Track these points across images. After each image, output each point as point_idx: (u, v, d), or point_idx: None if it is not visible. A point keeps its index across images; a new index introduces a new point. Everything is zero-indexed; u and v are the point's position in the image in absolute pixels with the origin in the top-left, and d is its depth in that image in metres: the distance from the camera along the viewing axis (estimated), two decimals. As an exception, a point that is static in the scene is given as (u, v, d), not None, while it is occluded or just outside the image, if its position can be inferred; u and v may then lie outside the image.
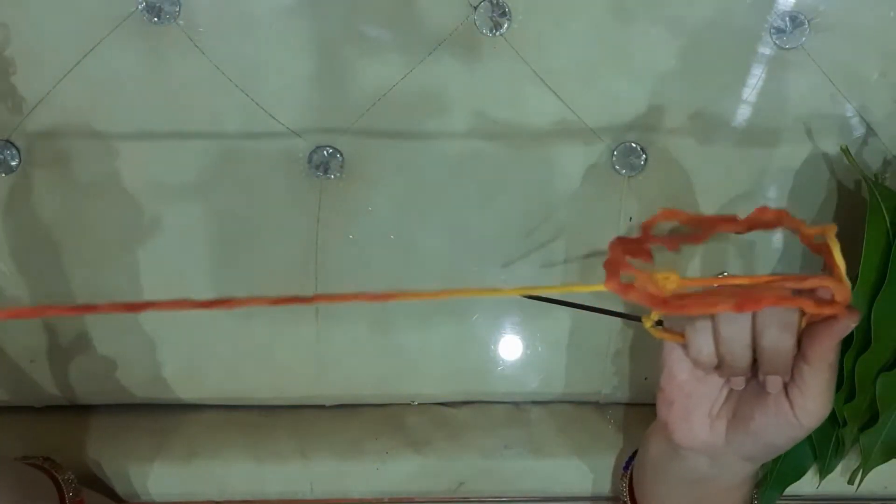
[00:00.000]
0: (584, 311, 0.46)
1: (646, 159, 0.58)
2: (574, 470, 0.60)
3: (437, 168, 0.58)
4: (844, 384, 0.53)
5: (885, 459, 0.55)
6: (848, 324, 0.38)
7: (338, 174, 0.57)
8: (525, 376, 0.63)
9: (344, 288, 0.59)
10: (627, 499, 0.53)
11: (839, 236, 0.36)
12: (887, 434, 0.54)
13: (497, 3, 0.54)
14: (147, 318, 0.59)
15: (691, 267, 0.60)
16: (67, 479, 0.51)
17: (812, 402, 0.40)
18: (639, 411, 0.63)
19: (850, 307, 0.38)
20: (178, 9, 0.54)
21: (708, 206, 0.58)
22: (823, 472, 0.57)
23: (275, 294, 0.59)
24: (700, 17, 0.55)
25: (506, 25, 0.55)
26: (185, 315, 0.59)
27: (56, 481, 0.51)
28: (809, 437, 0.56)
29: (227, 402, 0.63)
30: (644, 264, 0.36)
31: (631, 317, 0.46)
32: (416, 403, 0.64)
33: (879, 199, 0.52)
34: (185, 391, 0.63)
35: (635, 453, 0.53)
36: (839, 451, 0.56)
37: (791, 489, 0.57)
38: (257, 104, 0.56)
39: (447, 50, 0.55)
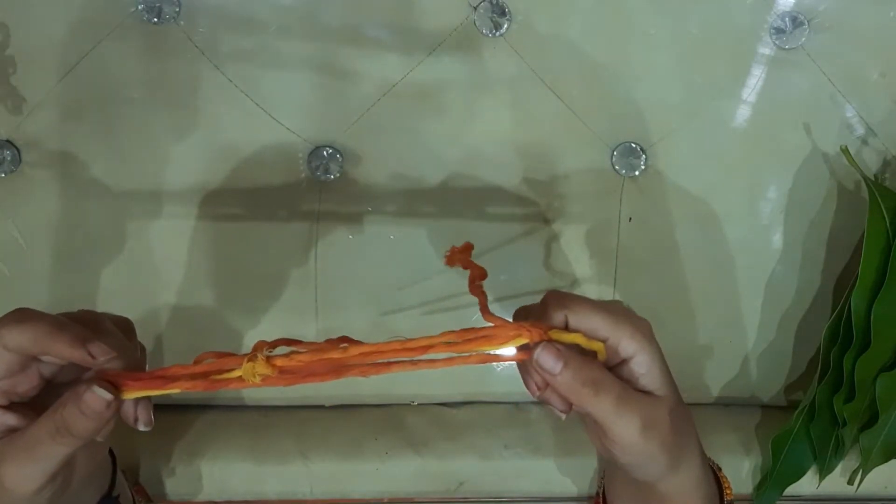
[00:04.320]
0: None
1: (646, 159, 0.58)
2: (573, 470, 0.60)
3: (436, 168, 0.58)
4: (844, 384, 0.53)
5: (885, 459, 0.55)
6: (535, 357, 0.38)
7: (338, 174, 0.57)
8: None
9: (344, 288, 0.59)
10: (601, 498, 0.53)
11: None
12: (887, 434, 0.54)
13: (497, 3, 0.54)
14: (146, 319, 0.59)
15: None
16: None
17: (606, 436, 0.40)
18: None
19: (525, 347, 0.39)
20: (178, 9, 0.54)
21: (708, 206, 0.58)
22: (823, 472, 0.56)
23: (274, 293, 0.59)
24: (700, 16, 0.55)
25: (506, 25, 0.55)
26: (184, 314, 0.59)
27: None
28: (809, 437, 0.56)
29: (227, 402, 0.63)
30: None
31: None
32: (415, 403, 0.64)
33: (879, 200, 0.52)
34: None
35: None
36: (839, 451, 0.56)
37: (791, 489, 0.57)
38: (257, 104, 0.56)
39: (447, 50, 0.55)
